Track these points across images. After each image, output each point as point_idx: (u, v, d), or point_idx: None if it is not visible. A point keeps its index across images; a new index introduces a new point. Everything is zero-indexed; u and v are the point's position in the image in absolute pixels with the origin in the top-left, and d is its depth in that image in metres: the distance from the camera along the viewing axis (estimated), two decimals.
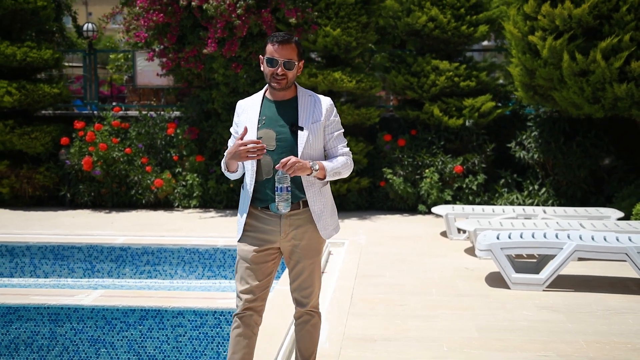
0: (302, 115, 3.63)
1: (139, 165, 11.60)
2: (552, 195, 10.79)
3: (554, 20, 9.35)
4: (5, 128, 11.40)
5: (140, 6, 10.66)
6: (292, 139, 3.59)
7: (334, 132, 3.72)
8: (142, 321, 5.80)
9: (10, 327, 5.88)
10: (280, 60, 3.54)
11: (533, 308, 5.82)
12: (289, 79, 3.59)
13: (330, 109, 3.70)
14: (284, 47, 3.54)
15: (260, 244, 3.65)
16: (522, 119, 11.61)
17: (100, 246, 8.46)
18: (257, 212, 3.67)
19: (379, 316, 5.61)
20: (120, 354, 5.82)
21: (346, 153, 3.75)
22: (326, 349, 4.79)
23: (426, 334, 5.15)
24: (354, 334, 5.14)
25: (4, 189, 11.72)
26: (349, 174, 3.76)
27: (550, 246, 6.45)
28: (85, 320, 5.84)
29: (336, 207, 3.82)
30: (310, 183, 3.62)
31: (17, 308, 5.89)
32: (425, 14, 11.12)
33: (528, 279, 6.44)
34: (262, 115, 3.65)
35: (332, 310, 5.74)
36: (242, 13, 10.19)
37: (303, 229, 3.66)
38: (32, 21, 11.80)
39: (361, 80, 10.90)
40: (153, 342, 5.79)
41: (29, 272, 8.46)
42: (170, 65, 11.19)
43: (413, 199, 11.16)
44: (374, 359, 4.64)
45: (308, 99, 3.69)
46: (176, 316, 5.78)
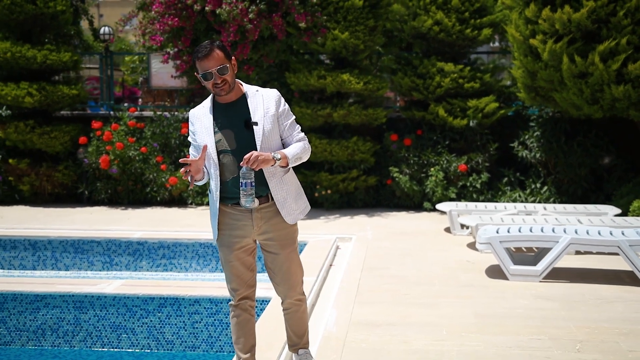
0: (254, 111, 3.75)
1: (154, 164, 11.97)
2: (553, 193, 11.07)
3: (554, 25, 9.64)
4: (26, 128, 11.79)
5: (155, 11, 11.02)
6: (249, 135, 3.72)
7: (286, 122, 3.84)
8: (161, 308, 6.13)
9: (38, 314, 6.23)
10: (213, 71, 3.62)
11: (529, 297, 6.13)
12: (230, 82, 3.69)
13: (279, 100, 3.82)
14: (209, 58, 3.62)
15: (237, 242, 3.82)
16: (524, 119, 11.89)
17: (118, 240, 8.81)
18: (228, 209, 3.81)
19: (384, 304, 5.94)
20: (141, 339, 6.15)
21: (302, 138, 3.88)
22: (333, 333, 5.12)
23: (427, 319, 5.47)
24: (359, 320, 5.46)
25: (25, 186, 12.10)
26: (308, 156, 3.91)
27: (546, 239, 6.76)
28: (108, 307, 6.18)
29: (344, 205, 4.03)
30: (271, 174, 3.75)
31: (44, 296, 6.24)
32: (431, 18, 11.43)
33: (525, 270, 6.75)
34: (217, 119, 3.77)
35: (340, 298, 6.06)
36: (254, 17, 10.54)
37: (274, 220, 3.81)
38: (52, 25, 12.18)
39: (369, 82, 11.22)
40: (171, 329, 6.12)
41: (51, 265, 8.81)
42: (185, 68, 11.55)
43: (419, 197, 11.47)
44: (378, 341, 4.97)
45: (255, 94, 3.81)
46: (193, 304, 6.11)
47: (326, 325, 5.29)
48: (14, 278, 7.59)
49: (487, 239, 6.85)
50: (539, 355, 4.66)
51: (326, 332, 5.11)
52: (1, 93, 11.63)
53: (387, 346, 4.86)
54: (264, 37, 11.07)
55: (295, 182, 3.93)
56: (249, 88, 3.84)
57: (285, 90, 11.68)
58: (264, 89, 3.86)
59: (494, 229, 7.06)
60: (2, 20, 11.80)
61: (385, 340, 4.99)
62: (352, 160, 11.38)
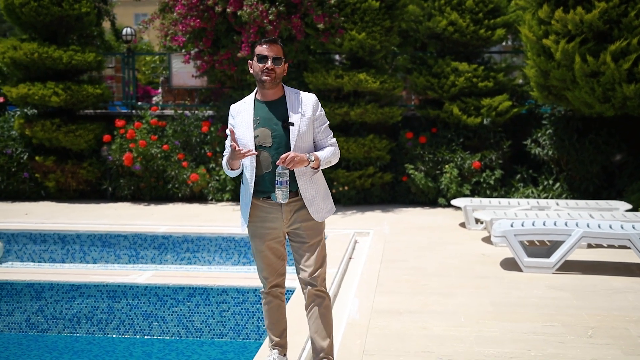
0: (291, 111, 3.93)
1: (176, 161, 12.26)
2: (565, 189, 11.27)
3: (567, 25, 9.85)
4: (52, 126, 12.11)
5: (178, 12, 11.31)
6: (285, 135, 3.90)
7: (322, 126, 4.02)
8: (190, 298, 6.39)
9: (73, 303, 6.51)
10: (270, 56, 3.87)
11: (543, 288, 6.37)
12: (277, 74, 3.89)
13: (316, 105, 4.00)
14: (272, 46, 3.90)
15: (268, 233, 4.00)
16: (537, 117, 12.10)
17: (144, 235, 9.09)
18: (259, 202, 3.98)
19: (404, 294, 6.19)
20: (171, 327, 6.42)
21: (333, 143, 4.07)
22: (357, 320, 5.37)
23: (446, 307, 5.72)
24: (381, 308, 5.72)
25: (50, 182, 12.43)
26: (337, 160, 4.11)
27: (559, 233, 6.99)
28: (140, 296, 6.45)
29: (361, 201, 4.18)
30: (302, 173, 3.92)
31: (79, 285, 6.52)
32: (446, 19, 11.65)
33: (539, 262, 6.98)
34: (256, 116, 3.95)
35: (361, 288, 6.32)
36: (274, 19, 10.80)
37: (301, 212, 3.97)
38: (76, 26, 12.49)
39: (385, 81, 11.46)
40: (200, 317, 6.39)
41: (79, 259, 9.10)
42: (205, 68, 11.83)
43: (433, 193, 11.71)
44: (399, 327, 5.22)
45: (295, 96, 3.99)
46: (221, 294, 6.37)
47: (349, 313, 5.54)
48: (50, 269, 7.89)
49: (502, 232, 7.08)
50: (553, 340, 4.90)
51: (350, 319, 5.37)
52: (29, 92, 11.94)
53: (408, 332, 5.12)
54: (283, 38, 11.33)
55: (323, 182, 4.08)
56: (289, 90, 4.02)
57: (304, 90, 11.93)
58: (303, 92, 4.04)
59: (509, 223, 7.29)
60: (29, 22, 12.12)
61: (407, 326, 5.25)
62: (369, 157, 11.62)
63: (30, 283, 6.56)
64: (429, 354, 4.66)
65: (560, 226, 7.08)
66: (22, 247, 9.20)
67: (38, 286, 6.55)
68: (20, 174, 12.55)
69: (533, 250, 7.59)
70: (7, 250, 9.18)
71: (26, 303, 6.56)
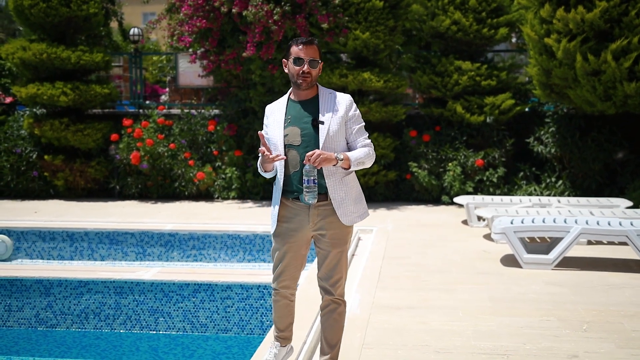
0: (323, 110, 3.88)
1: (182, 160, 12.40)
2: (568, 187, 11.35)
3: (568, 24, 9.93)
4: (61, 125, 12.26)
5: (184, 13, 11.44)
6: (315, 133, 3.84)
7: (355, 126, 3.94)
8: (195, 294, 6.53)
9: (81, 299, 6.65)
10: (306, 59, 3.82)
11: (541, 283, 6.47)
12: (313, 76, 3.86)
13: (350, 104, 3.93)
14: (308, 48, 3.84)
15: (292, 235, 3.94)
16: (540, 115, 12.18)
17: (151, 232, 9.24)
18: (288, 203, 3.93)
19: (404, 289, 6.30)
20: (176, 322, 6.55)
21: (368, 145, 3.96)
22: (357, 315, 5.49)
23: (445, 303, 5.83)
24: (381, 303, 5.83)
25: (59, 181, 12.59)
26: (371, 163, 3.98)
27: (558, 229, 7.08)
28: (146, 292, 6.58)
29: (365, 199, 4.13)
30: (331, 172, 3.84)
31: (87, 282, 6.66)
32: (449, 18, 11.75)
33: (538, 259, 7.08)
34: (288, 115, 3.92)
35: (363, 284, 6.43)
36: (279, 19, 10.92)
37: (330, 219, 3.89)
38: (84, 27, 12.64)
39: (388, 80, 11.56)
40: (205, 313, 6.52)
41: (87, 256, 9.25)
42: (212, 67, 11.96)
43: (437, 191, 11.81)
44: (399, 322, 5.33)
45: (328, 96, 3.94)
46: (225, 290, 6.50)
47: (350, 307, 5.65)
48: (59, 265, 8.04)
49: (501, 229, 7.18)
50: (548, 334, 5.00)
51: (351, 314, 5.48)
52: (37, 92, 12.10)
53: (407, 326, 5.23)
54: (287, 38, 11.44)
55: (356, 185, 4.00)
56: (324, 90, 3.98)
57: None
58: (338, 92, 3.99)
59: (509, 220, 7.39)
60: (37, 22, 12.27)
61: (406, 321, 5.36)
62: None
63: (39, 279, 6.70)
64: (426, 347, 4.77)
65: (559, 223, 7.17)
66: (32, 245, 9.36)
67: (47, 282, 6.69)
68: (30, 172, 12.72)
69: (534, 246, 7.68)
70: (16, 248, 9.34)
71: (35, 299, 6.70)
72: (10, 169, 12.71)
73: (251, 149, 12.51)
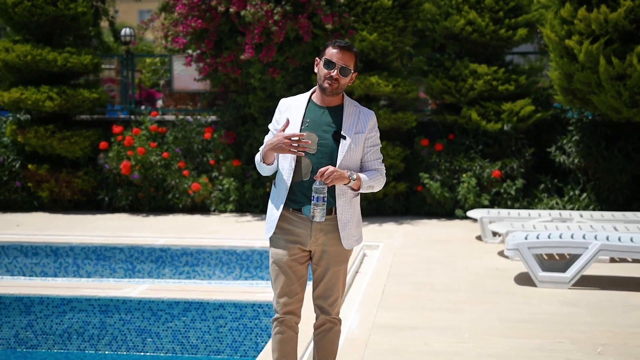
0: (347, 124, 3.90)
1: (176, 170, 12.57)
2: (593, 200, 11.43)
3: (590, 25, 10.06)
4: (46, 133, 12.45)
5: (179, 12, 11.63)
6: (334, 146, 3.86)
7: (373, 147, 4.00)
8: (186, 313, 6.64)
9: (64, 317, 6.78)
10: (338, 64, 3.83)
11: (556, 303, 6.57)
12: (341, 84, 3.86)
13: (374, 124, 3.99)
14: (345, 53, 3.85)
15: (293, 248, 3.94)
16: (562, 123, 12.27)
17: (141, 247, 9.37)
18: (289, 214, 3.93)
19: (408, 309, 6.42)
20: (165, 343, 6.67)
21: (381, 169, 4.02)
22: (356, 334, 5.61)
23: (450, 323, 5.94)
24: (382, 323, 5.95)
25: (44, 192, 12.77)
26: (381, 188, 4.05)
27: (576, 245, 7.19)
28: (133, 311, 6.70)
29: (373, 212, 4.19)
30: (342, 192, 3.89)
31: (70, 299, 6.78)
32: (464, 18, 11.90)
33: (554, 277, 7.18)
34: (307, 118, 3.91)
35: (364, 303, 6.55)
36: (279, 19, 11.10)
37: (332, 235, 3.93)
38: (72, 27, 12.85)
39: (398, 85, 11.71)
40: (196, 333, 6.63)
41: (72, 272, 9.39)
42: (208, 70, 12.14)
43: (450, 204, 11.92)
44: (400, 343, 5.45)
45: (353, 109, 3.96)
46: (217, 308, 6.61)
47: (349, 327, 5.77)
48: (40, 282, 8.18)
49: (514, 244, 7.29)
50: (559, 357, 5.11)
51: (349, 334, 5.60)
52: (21, 97, 12.30)
53: (408, 347, 5.35)
54: (289, 39, 11.62)
55: (359, 208, 4.06)
56: (350, 101, 4.01)
57: None
58: (364, 107, 4.04)
59: (523, 235, 7.49)
60: (22, 22, 12.49)
61: (407, 342, 5.48)
62: None
63: (19, 297, 6.82)
64: None
65: (578, 239, 7.27)
66: (13, 260, 9.51)
67: (27, 300, 6.82)
68: (12, 183, 12.90)
69: (551, 264, 7.79)
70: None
71: (15, 318, 6.82)
72: None
73: (250, 158, 12.66)
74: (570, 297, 6.81)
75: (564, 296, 6.84)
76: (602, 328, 5.80)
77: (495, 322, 5.97)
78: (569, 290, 7.05)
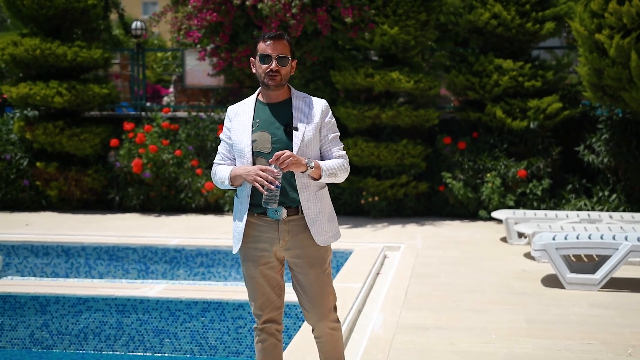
0: (297, 115, 3.98)
1: (189, 168, 12.80)
2: (623, 201, 11.56)
3: (622, 18, 10.20)
4: (55, 129, 12.70)
5: (193, 5, 11.87)
6: (287, 140, 3.93)
7: (330, 135, 4.06)
8: (204, 313, 6.87)
9: (80, 317, 7.02)
10: (274, 56, 3.91)
11: (584, 305, 6.76)
12: (283, 75, 3.94)
13: (326, 111, 4.05)
14: (277, 43, 3.93)
15: (262, 256, 4.01)
16: (591, 121, 12.40)
17: (155, 247, 9.61)
18: (254, 219, 3.99)
19: (432, 310, 6.63)
20: (183, 344, 6.90)
21: (342, 156, 4.06)
22: (381, 335, 5.82)
23: (477, 324, 6.15)
24: (407, 323, 6.16)
25: (52, 191, 13.02)
26: (345, 177, 4.08)
27: (605, 247, 7.36)
28: (150, 311, 6.94)
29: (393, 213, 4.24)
30: (304, 185, 3.95)
31: (86, 299, 7.02)
32: (488, 11, 12.06)
33: (583, 279, 7.36)
34: (256, 119, 4.00)
35: (387, 304, 6.76)
36: (297, 12, 11.31)
37: (302, 236, 3.98)
38: (82, 20, 13.11)
39: (419, 81, 11.89)
40: (214, 333, 6.86)
41: (84, 273, 9.64)
42: (223, 65, 12.36)
43: (473, 205, 12.09)
44: (425, 343, 5.66)
45: (302, 100, 4.05)
46: (236, 308, 6.83)
47: (373, 327, 5.99)
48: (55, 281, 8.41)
49: (542, 245, 7.47)
50: (588, 358, 5.31)
51: (373, 334, 5.82)
52: (30, 92, 12.55)
53: (433, 347, 5.56)
54: (307, 33, 11.83)
55: (329, 202, 4.12)
56: (297, 93, 4.09)
57: (330, 90, 12.43)
58: (313, 97, 4.11)
59: (550, 236, 7.67)
60: (30, 15, 12.73)
61: (432, 342, 5.69)
62: (402, 164, 12.04)
63: (34, 296, 7.07)
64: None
65: (607, 240, 7.44)
66: (23, 261, 9.77)
67: (43, 299, 7.06)
68: (20, 181, 13.15)
69: (579, 265, 7.96)
70: (6, 264, 9.76)
71: (30, 317, 7.08)
72: None
73: None
74: (600, 299, 6.99)
75: (593, 298, 7.02)
76: (632, 330, 5.98)
77: (522, 323, 6.17)
78: (598, 293, 7.23)
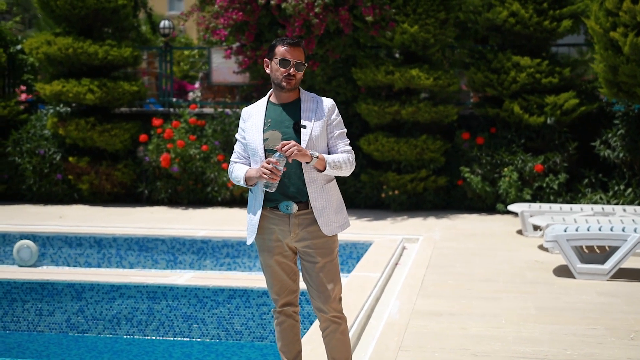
0: (305, 114, 4.20)
1: (215, 163, 13.17)
2: (638, 195, 11.74)
3: (636, 17, 10.42)
4: (87, 125, 13.13)
5: (219, 5, 12.22)
6: (296, 137, 4.15)
7: (336, 131, 4.27)
8: (230, 300, 7.20)
9: (113, 304, 7.39)
10: (293, 61, 4.15)
11: (593, 294, 7.03)
12: (297, 79, 4.18)
13: (332, 108, 4.27)
14: (295, 50, 4.16)
15: (277, 246, 4.25)
16: (608, 116, 12.61)
17: (183, 239, 9.97)
18: (267, 213, 4.23)
19: (446, 297, 6.93)
20: (211, 329, 7.24)
21: (348, 151, 4.26)
22: (396, 320, 6.13)
23: (488, 311, 6.44)
24: (422, 310, 6.47)
25: (84, 185, 13.45)
26: (350, 171, 4.27)
27: (614, 238, 7.62)
28: (180, 298, 7.29)
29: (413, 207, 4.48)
30: (312, 179, 4.16)
31: (119, 286, 7.39)
32: (507, 9, 12.30)
33: (593, 269, 7.63)
34: (267, 119, 4.22)
35: (404, 292, 7.07)
36: (320, 11, 11.62)
37: (311, 228, 4.19)
38: (112, 19, 13.54)
39: (439, 78, 12.17)
40: (240, 319, 7.19)
41: (116, 263, 10.02)
42: (248, 63, 12.71)
43: (491, 199, 12.35)
44: (438, 327, 5.97)
45: (310, 100, 4.27)
46: (261, 295, 7.15)
47: (389, 313, 6.31)
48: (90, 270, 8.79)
49: (553, 236, 7.74)
50: (592, 342, 5.58)
51: (389, 319, 6.13)
52: (63, 90, 12.99)
53: (445, 331, 5.86)
54: (329, 32, 12.15)
55: (337, 194, 4.32)
56: (306, 93, 4.32)
57: (352, 86, 12.74)
58: (321, 97, 4.34)
59: (562, 227, 7.94)
60: (63, 15, 13.18)
61: (445, 326, 5.99)
62: (421, 159, 12.33)
63: (71, 283, 7.46)
64: (464, 351, 5.39)
65: (617, 231, 7.70)
66: (57, 251, 10.18)
67: (79, 286, 7.44)
68: (53, 175, 13.60)
69: (590, 256, 8.22)
70: (42, 254, 10.17)
71: (66, 303, 7.46)
72: (32, 171, 13.61)
73: None
74: (608, 288, 7.26)
75: (602, 287, 7.29)
76: (637, 316, 6.25)
77: (532, 310, 6.45)
78: (607, 282, 7.50)
